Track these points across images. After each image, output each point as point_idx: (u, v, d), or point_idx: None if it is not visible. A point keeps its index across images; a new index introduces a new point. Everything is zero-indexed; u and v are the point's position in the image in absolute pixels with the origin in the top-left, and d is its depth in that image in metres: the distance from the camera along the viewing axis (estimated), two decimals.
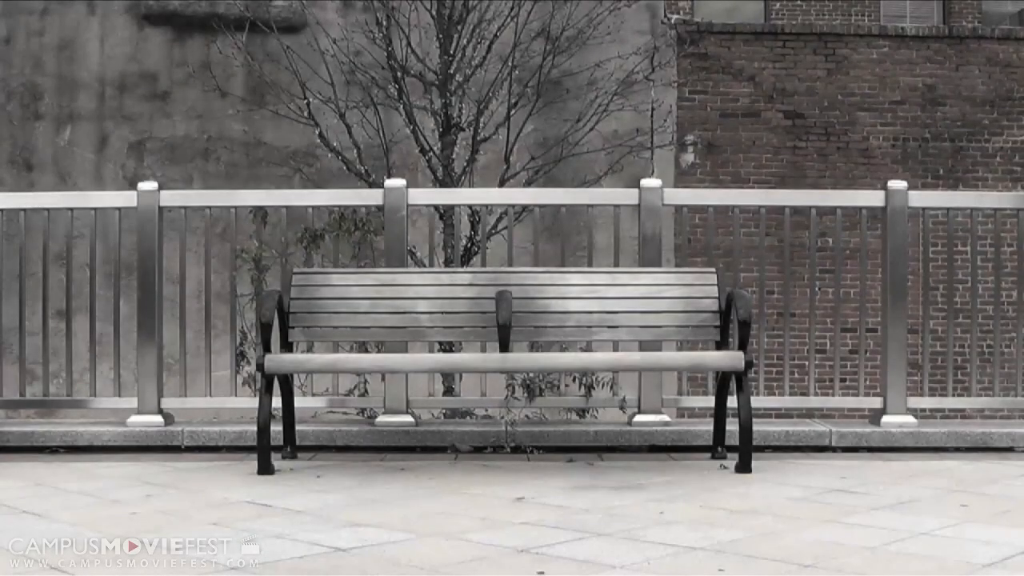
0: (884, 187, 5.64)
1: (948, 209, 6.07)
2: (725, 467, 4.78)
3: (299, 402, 5.18)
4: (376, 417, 5.55)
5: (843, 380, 5.84)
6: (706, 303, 4.95)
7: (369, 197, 6.18)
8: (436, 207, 7.34)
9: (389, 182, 5.66)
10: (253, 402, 5.01)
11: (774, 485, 4.35)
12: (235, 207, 5.78)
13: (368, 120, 9.80)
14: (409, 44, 9.67)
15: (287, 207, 5.80)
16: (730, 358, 4.70)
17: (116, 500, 4.06)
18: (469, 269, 7.00)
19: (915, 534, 3.43)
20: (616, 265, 5.78)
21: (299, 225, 5.90)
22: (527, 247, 7.17)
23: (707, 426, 5.23)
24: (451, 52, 9.55)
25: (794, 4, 13.65)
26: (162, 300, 5.55)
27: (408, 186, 5.58)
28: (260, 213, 5.81)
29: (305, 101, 9.76)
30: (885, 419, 5.46)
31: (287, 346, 4.95)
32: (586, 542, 3.35)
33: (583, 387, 5.63)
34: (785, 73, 12.80)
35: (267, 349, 4.68)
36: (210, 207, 5.87)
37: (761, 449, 5.08)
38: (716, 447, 5.07)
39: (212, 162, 12.34)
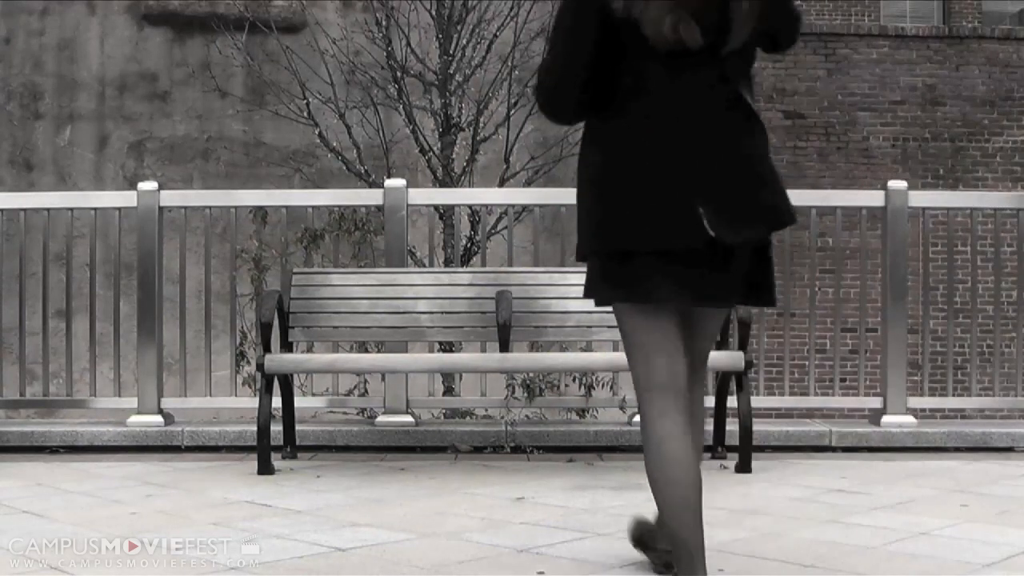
0: (884, 187, 5.64)
1: (948, 209, 6.07)
2: (725, 467, 4.78)
3: (299, 402, 5.18)
4: (376, 417, 5.55)
5: (843, 380, 5.84)
6: None
7: (369, 197, 6.19)
8: (436, 207, 7.35)
9: (389, 182, 5.66)
10: (253, 402, 5.01)
11: (774, 485, 4.35)
12: (235, 207, 5.79)
13: (368, 120, 9.81)
14: (409, 44, 9.67)
15: (287, 207, 5.80)
16: (730, 358, 4.70)
17: (116, 500, 4.05)
18: (469, 269, 7.00)
19: (915, 534, 3.42)
20: None
21: (299, 225, 5.91)
22: (527, 247, 7.17)
23: (707, 426, 5.22)
24: (451, 52, 9.55)
25: (794, 4, 13.61)
26: (162, 300, 5.55)
27: (408, 186, 5.58)
28: (260, 213, 5.82)
29: (305, 101, 9.77)
30: (885, 419, 5.46)
31: (287, 346, 4.95)
32: (586, 542, 3.35)
33: (583, 387, 5.64)
34: (785, 73, 12.79)
35: (267, 349, 4.68)
36: (210, 207, 5.87)
37: (761, 449, 5.08)
38: (716, 447, 5.06)
39: (212, 162, 12.34)
